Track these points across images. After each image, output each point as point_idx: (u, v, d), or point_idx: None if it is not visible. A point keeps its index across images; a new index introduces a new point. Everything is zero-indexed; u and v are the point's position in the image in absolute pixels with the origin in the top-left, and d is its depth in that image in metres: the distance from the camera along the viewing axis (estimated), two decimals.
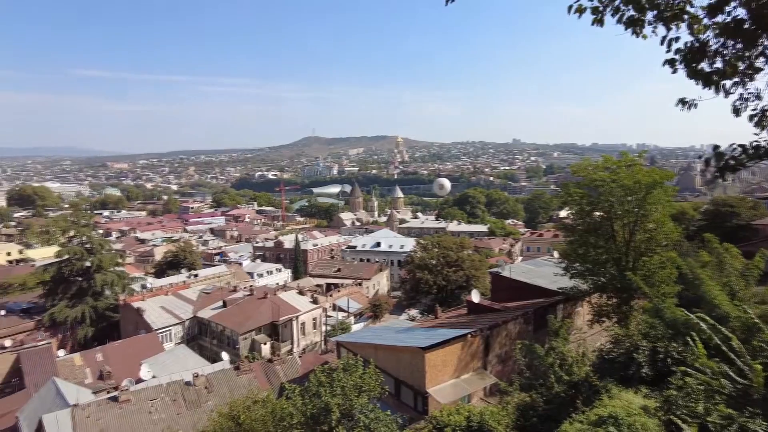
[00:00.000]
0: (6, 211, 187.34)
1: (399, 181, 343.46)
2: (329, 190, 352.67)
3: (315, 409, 16.52)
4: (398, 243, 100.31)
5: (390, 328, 36.28)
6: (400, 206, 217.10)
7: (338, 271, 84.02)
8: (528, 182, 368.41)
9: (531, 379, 17.01)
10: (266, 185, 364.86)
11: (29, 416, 31.82)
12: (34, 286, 67.65)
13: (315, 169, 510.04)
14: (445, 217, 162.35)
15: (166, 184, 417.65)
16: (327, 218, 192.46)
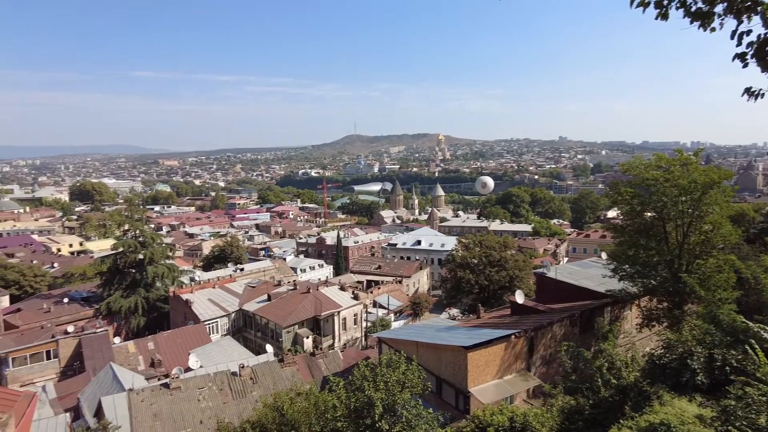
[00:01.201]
0: (68, 206, 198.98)
1: (440, 179, 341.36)
2: (370, 188, 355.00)
3: (358, 403, 16.74)
4: (439, 241, 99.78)
5: (431, 326, 36.20)
6: (441, 204, 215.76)
7: (378, 268, 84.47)
8: (574, 181, 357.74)
9: (577, 383, 16.65)
10: (309, 183, 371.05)
11: (89, 398, 33.78)
12: (93, 276, 71.63)
13: (356, 167, 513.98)
14: (488, 216, 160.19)
15: (213, 181, 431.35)
16: (368, 216, 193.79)
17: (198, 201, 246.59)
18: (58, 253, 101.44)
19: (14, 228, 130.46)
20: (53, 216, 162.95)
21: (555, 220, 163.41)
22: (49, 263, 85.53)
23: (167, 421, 26.73)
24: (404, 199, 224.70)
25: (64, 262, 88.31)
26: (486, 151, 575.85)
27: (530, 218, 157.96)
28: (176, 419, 26.99)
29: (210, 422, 26.44)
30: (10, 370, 43.50)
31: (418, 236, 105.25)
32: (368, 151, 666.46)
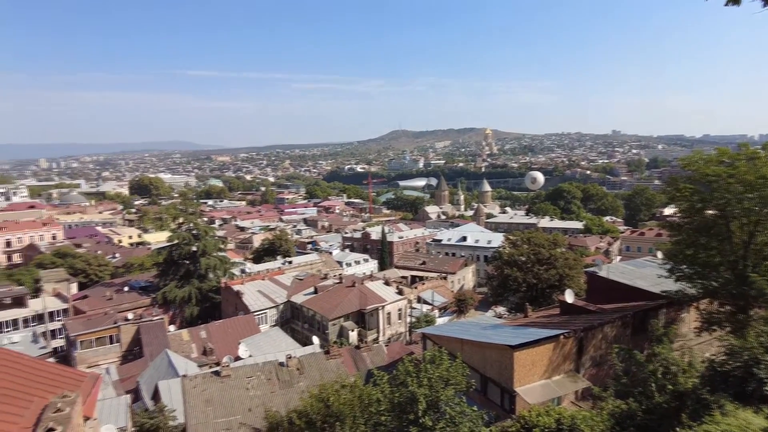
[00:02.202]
0: (128, 199, 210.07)
1: (487, 175, 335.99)
2: (415, 183, 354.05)
3: (402, 398, 16.81)
4: (485, 238, 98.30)
5: (476, 323, 35.81)
6: (488, 200, 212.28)
7: (423, 263, 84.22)
8: (629, 177, 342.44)
9: (628, 386, 16.01)
10: (355, 178, 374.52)
11: (147, 381, 35.67)
12: (150, 266, 75.35)
13: (401, 163, 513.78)
14: (537, 212, 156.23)
15: (263, 176, 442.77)
16: (412, 211, 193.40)
17: (249, 196, 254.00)
18: (119, 244, 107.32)
19: (81, 220, 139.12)
20: (115, 209, 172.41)
21: (607, 217, 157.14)
22: (111, 254, 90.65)
23: (218, 407, 27.79)
24: (449, 194, 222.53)
25: (124, 253, 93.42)
26: (535, 146, 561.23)
27: (581, 215, 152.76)
28: (226, 406, 28.01)
29: (258, 410, 27.27)
30: (79, 351, 46.54)
31: (464, 232, 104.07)
32: (413, 146, 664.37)
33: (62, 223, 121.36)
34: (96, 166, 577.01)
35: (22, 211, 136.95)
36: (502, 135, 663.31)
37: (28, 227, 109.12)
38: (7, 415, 10.48)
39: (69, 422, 10.17)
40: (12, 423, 10.28)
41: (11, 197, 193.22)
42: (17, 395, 11.36)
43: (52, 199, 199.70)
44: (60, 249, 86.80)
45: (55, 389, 12.12)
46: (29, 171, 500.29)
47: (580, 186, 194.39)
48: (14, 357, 13.50)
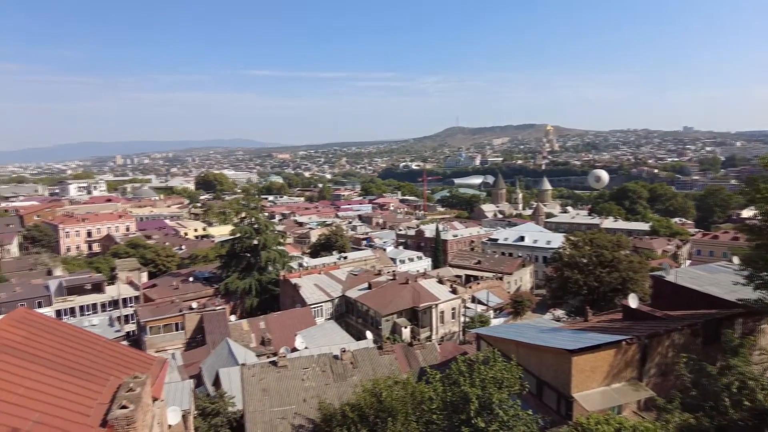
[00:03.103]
0: (194, 194, 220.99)
1: (547, 172, 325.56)
2: (471, 181, 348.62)
3: (454, 397, 16.71)
4: (544, 238, 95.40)
5: (533, 326, 34.87)
6: (548, 199, 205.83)
7: (478, 263, 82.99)
8: (701, 176, 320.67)
9: (698, 399, 15.09)
10: (409, 175, 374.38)
11: (209, 368, 37.43)
12: (214, 258, 78.95)
13: (457, 160, 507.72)
14: (600, 212, 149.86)
15: (321, 173, 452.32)
16: (468, 209, 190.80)
17: (307, 192, 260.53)
18: (185, 236, 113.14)
19: (151, 213, 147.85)
20: (182, 203, 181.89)
21: (677, 218, 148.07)
22: (178, 245, 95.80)
23: (274, 396, 28.71)
24: (507, 192, 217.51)
25: (190, 245, 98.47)
26: (599, 143, 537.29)
27: (648, 216, 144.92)
28: (282, 395, 28.88)
29: (312, 401, 27.93)
30: (148, 336, 49.60)
31: (522, 232, 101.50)
32: (470, 143, 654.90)
33: (135, 216, 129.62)
34: (165, 162, 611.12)
35: (101, 204, 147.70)
36: (563, 131, 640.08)
37: (106, 219, 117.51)
38: (88, 390, 11.35)
39: (140, 401, 10.88)
40: (92, 398, 11.12)
41: (92, 191, 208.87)
42: (97, 373, 12.27)
43: (126, 193, 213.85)
44: (133, 240, 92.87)
45: (128, 370, 12.99)
46: (107, 167, 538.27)
47: (646, 185, 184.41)
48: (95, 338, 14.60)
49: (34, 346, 12.01)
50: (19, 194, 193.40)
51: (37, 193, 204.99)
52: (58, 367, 11.61)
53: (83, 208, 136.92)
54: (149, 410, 12.19)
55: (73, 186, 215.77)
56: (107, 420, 10.35)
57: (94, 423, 10.31)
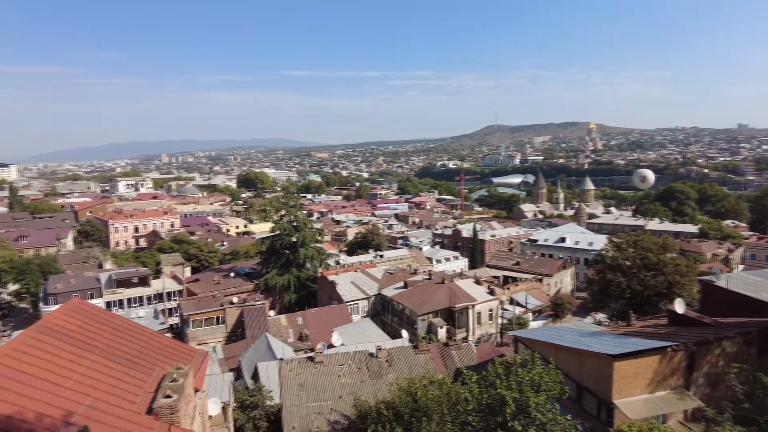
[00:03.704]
0: (236, 192, 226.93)
1: (589, 172, 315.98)
2: (510, 180, 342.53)
3: (490, 399, 16.50)
4: (586, 239, 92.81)
5: (573, 329, 34.00)
6: (590, 199, 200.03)
7: (517, 264, 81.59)
8: (757, 176, 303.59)
9: (751, 412, 14.34)
10: (446, 174, 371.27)
11: (248, 362, 38.35)
12: (254, 254, 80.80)
13: (496, 159, 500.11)
14: (645, 213, 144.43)
15: (358, 172, 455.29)
16: (507, 209, 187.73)
17: (344, 190, 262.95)
18: (227, 233, 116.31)
19: (195, 210, 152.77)
20: (224, 201, 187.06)
21: (728, 221, 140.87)
22: (220, 241, 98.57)
23: (311, 391, 29.16)
24: (547, 192, 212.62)
25: (231, 241, 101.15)
26: (645, 141, 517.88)
27: (697, 218, 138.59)
28: (318, 391, 29.30)
29: (348, 398, 28.21)
30: (191, 329, 51.28)
31: (563, 233, 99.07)
32: (509, 141, 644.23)
33: (179, 213, 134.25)
34: (208, 161, 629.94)
35: (148, 201, 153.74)
36: (607, 130, 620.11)
37: (152, 215, 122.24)
38: (135, 379, 11.86)
39: (182, 391, 11.27)
40: (139, 387, 11.62)
41: (139, 188, 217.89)
42: (143, 363, 12.80)
43: (171, 190, 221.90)
44: (177, 236, 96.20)
45: (172, 361, 13.48)
46: (153, 165, 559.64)
47: (695, 186, 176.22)
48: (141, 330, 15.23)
49: (88, 335, 12.64)
50: (74, 191, 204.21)
51: (90, 190, 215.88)
52: (108, 356, 12.19)
53: (131, 205, 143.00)
54: (191, 400, 12.62)
55: (122, 183, 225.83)
56: (152, 408, 10.79)
57: (141, 410, 10.77)
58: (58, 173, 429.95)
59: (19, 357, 10.42)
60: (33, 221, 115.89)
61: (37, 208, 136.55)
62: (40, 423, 8.48)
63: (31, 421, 8.40)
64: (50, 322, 12.52)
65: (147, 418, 10.54)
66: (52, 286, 61.96)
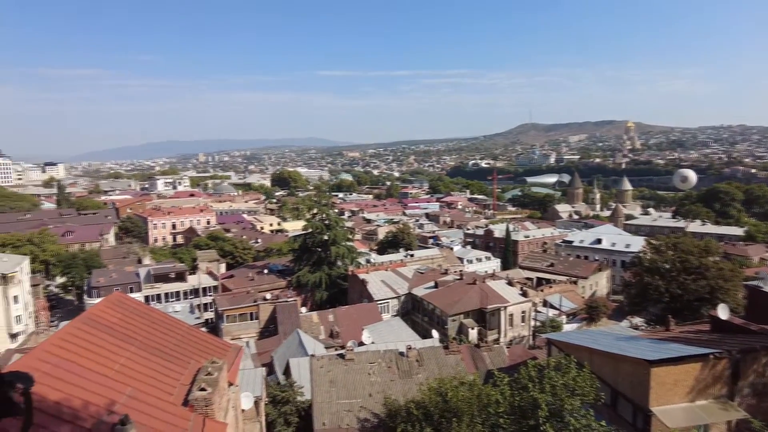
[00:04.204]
0: (270, 190, 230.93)
1: (627, 172, 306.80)
2: (545, 180, 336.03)
3: (523, 402, 16.26)
4: (623, 241, 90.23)
5: (608, 333, 33.09)
6: (627, 200, 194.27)
7: (551, 265, 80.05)
8: None
9: None
10: (479, 173, 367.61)
11: (280, 357, 38.97)
12: (287, 252, 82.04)
13: (530, 158, 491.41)
14: (686, 215, 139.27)
15: (389, 171, 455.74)
16: (541, 209, 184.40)
17: (375, 189, 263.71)
18: (261, 230, 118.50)
19: (230, 208, 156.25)
20: (258, 199, 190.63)
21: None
22: (254, 239, 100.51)
23: (341, 388, 29.40)
24: (583, 192, 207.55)
25: (265, 239, 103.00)
26: (686, 140, 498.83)
27: (743, 220, 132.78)
28: (348, 388, 29.51)
29: (377, 396, 28.31)
30: (225, 324, 52.48)
31: (599, 234, 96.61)
32: (544, 140, 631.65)
33: (215, 210, 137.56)
34: (243, 160, 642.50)
35: (185, 199, 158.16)
36: (646, 128, 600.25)
37: (189, 213, 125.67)
38: (172, 371, 12.23)
39: (217, 385, 11.55)
40: (175, 379, 11.97)
41: (177, 187, 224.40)
42: (180, 356, 13.18)
43: (207, 188, 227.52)
44: (213, 233, 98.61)
45: (207, 355, 13.83)
46: (190, 164, 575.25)
47: (741, 186, 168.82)
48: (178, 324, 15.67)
49: (128, 328, 13.11)
50: (115, 189, 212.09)
51: (130, 188, 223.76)
52: (147, 348, 12.60)
53: (169, 202, 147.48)
54: (225, 394, 12.91)
55: (161, 182, 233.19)
56: (188, 400, 11.10)
57: (177, 402, 11.09)
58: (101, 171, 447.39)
59: (66, 346, 10.90)
60: (78, 217, 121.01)
61: (82, 205, 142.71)
62: (85, 410, 8.85)
63: (78, 408, 8.78)
64: (93, 314, 13.04)
65: (183, 409, 10.85)
66: (95, 279, 64.55)
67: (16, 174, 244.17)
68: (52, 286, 79.49)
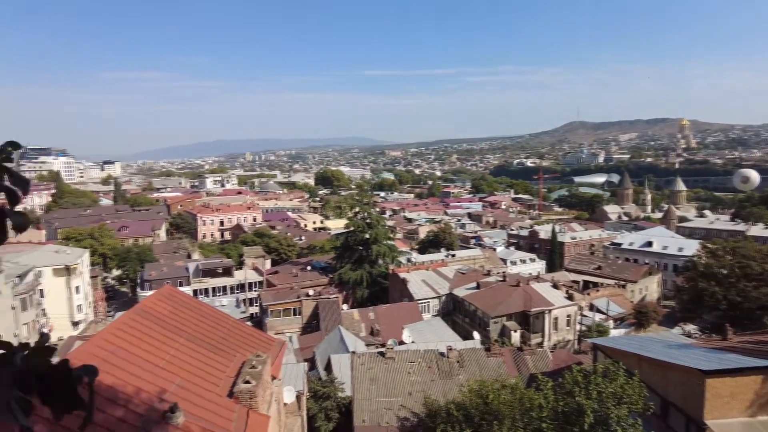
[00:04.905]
0: (314, 189, 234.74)
1: (681, 172, 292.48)
2: (593, 180, 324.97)
3: (567, 408, 15.84)
4: (676, 244, 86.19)
5: (658, 340, 31.74)
6: (681, 201, 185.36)
7: (598, 268, 77.48)
8: None
9: None
10: (524, 173, 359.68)
11: (322, 353, 39.56)
12: (329, 249, 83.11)
13: (577, 157, 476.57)
14: (746, 217, 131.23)
15: (431, 170, 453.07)
16: (588, 210, 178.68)
17: (417, 189, 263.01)
18: (304, 228, 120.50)
19: (276, 206, 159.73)
20: (302, 197, 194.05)
21: None
22: (298, 236, 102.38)
23: (381, 386, 29.54)
24: (634, 193, 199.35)
25: (308, 236, 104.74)
26: (748, 138, 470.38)
27: None
28: (389, 387, 29.60)
29: (417, 395, 28.26)
30: (269, 319, 53.77)
31: (650, 236, 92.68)
32: (592, 139, 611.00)
33: (261, 208, 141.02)
34: (288, 159, 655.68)
35: (232, 197, 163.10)
36: (702, 126, 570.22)
37: (236, 210, 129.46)
38: (218, 363, 12.64)
39: (261, 378, 11.84)
40: (221, 371, 12.37)
41: (225, 185, 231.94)
42: (226, 349, 13.61)
43: (254, 187, 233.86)
44: (258, 230, 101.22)
45: (252, 348, 14.20)
46: (238, 163, 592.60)
47: None
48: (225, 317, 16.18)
49: (178, 320, 13.66)
50: (167, 186, 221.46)
51: (181, 186, 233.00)
52: (195, 340, 13.09)
53: (217, 200, 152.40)
54: (269, 387, 13.22)
55: (209, 180, 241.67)
56: (233, 392, 11.44)
57: (223, 393, 11.46)
58: (154, 170, 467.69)
59: (121, 336, 11.48)
60: (132, 213, 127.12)
61: (136, 202, 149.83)
62: (137, 396, 9.29)
63: (131, 394, 9.23)
64: (146, 305, 13.66)
65: (228, 401, 11.20)
66: (148, 273, 67.56)
67: (78, 172, 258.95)
68: (108, 278, 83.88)
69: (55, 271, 57.09)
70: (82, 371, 2.29)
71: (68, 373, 2.22)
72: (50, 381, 2.21)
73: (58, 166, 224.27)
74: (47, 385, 2.21)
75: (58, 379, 2.22)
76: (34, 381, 2.19)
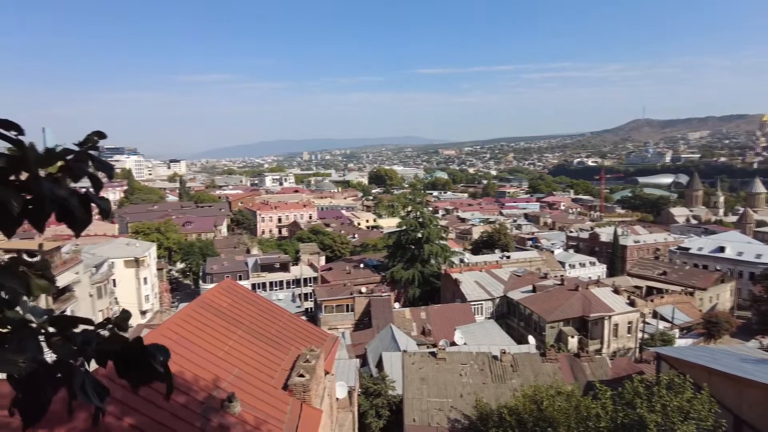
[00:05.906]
0: (367, 188, 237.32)
1: (760, 172, 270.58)
2: (659, 181, 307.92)
3: (627, 419, 15.09)
4: (752, 250, 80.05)
5: (731, 353, 29.59)
6: (760, 204, 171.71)
7: (663, 274, 73.33)
8: None
9: None
10: (584, 173, 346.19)
11: (373, 350, 39.86)
12: (382, 248, 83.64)
13: (642, 156, 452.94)
14: None
15: (486, 170, 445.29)
16: (653, 212, 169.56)
17: (471, 188, 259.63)
18: (358, 226, 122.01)
19: (330, 204, 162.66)
20: (356, 196, 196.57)
21: None
22: (352, 234, 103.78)
23: (432, 386, 29.36)
24: (704, 195, 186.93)
25: (361, 234, 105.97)
26: None
27: None
28: (440, 387, 29.38)
29: (469, 398, 27.87)
30: (323, 314, 54.86)
31: (722, 241, 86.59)
32: (659, 137, 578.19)
33: (316, 206, 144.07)
34: (343, 158, 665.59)
35: (289, 195, 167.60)
36: None
37: (293, 208, 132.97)
38: (274, 356, 13.01)
39: (314, 372, 12.08)
40: (276, 364, 12.72)
41: (283, 183, 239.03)
42: (281, 342, 13.99)
43: (310, 185, 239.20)
44: (314, 227, 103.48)
45: (306, 343, 14.51)
46: (295, 162, 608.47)
47: None
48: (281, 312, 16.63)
49: (236, 312, 14.19)
50: (229, 184, 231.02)
51: (242, 184, 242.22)
52: (252, 333, 13.54)
53: (275, 198, 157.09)
54: (322, 381, 13.47)
55: (269, 178, 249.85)
56: (287, 384, 11.74)
57: (277, 385, 11.79)
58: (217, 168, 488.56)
59: (184, 326, 12.07)
60: (196, 209, 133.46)
61: (199, 198, 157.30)
62: (197, 384, 9.72)
63: (190, 381, 9.68)
64: (207, 298, 14.28)
65: (282, 393, 11.50)
66: (209, 266, 70.66)
67: (147, 170, 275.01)
68: (173, 271, 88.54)
69: (126, 262, 60.88)
70: (154, 349, 2.46)
71: (143, 348, 2.41)
72: (127, 354, 2.39)
73: (129, 165, 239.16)
74: (125, 359, 2.39)
75: (134, 353, 2.40)
76: (113, 355, 2.38)
